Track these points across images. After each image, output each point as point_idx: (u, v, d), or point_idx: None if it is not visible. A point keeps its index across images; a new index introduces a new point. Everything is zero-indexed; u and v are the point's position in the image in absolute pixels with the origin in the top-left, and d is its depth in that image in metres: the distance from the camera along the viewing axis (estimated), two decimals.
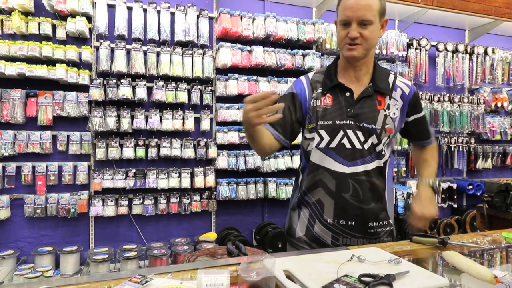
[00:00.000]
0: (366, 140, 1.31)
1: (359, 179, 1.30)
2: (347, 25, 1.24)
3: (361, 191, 1.30)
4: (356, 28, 1.23)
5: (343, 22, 1.25)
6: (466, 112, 4.06)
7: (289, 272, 0.88)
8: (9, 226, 2.90)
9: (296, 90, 1.42)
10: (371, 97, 1.33)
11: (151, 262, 2.76)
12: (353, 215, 1.30)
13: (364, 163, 1.30)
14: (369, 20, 1.22)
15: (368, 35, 1.24)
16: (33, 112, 2.86)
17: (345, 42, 1.27)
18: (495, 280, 0.81)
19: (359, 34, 1.23)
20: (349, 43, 1.25)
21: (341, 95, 1.35)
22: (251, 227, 3.48)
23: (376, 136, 1.31)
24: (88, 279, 0.87)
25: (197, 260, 1.09)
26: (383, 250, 1.04)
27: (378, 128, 1.31)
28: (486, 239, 1.26)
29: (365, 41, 1.25)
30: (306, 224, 1.37)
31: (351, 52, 1.27)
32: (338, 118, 1.32)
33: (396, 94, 1.36)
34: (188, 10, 3.16)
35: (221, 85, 3.25)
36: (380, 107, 1.33)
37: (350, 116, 1.31)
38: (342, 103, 1.33)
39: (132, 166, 3.15)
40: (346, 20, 1.24)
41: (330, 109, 1.34)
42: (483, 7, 3.83)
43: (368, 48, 1.28)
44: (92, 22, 3.04)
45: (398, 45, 3.76)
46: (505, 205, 2.65)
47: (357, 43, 1.25)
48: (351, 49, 1.26)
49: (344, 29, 1.26)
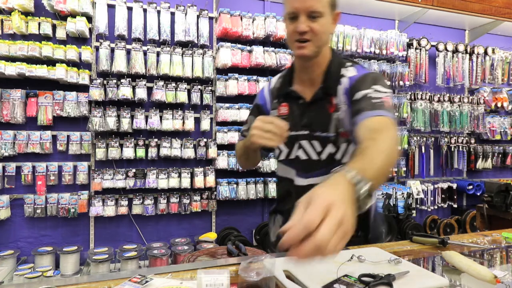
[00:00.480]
0: (323, 150, 1.18)
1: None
2: (295, 18, 1.10)
3: None
4: (305, 21, 1.09)
5: (290, 15, 1.11)
6: (466, 112, 4.06)
7: (289, 272, 0.88)
8: (9, 226, 2.90)
9: (260, 101, 1.36)
10: (323, 101, 1.19)
11: (151, 262, 2.76)
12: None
13: (322, 175, 1.18)
14: (319, 11, 1.09)
15: (318, 29, 1.10)
16: (33, 112, 2.86)
17: (294, 39, 1.12)
18: (495, 280, 0.80)
19: (309, 28, 1.09)
20: (299, 39, 1.11)
21: (294, 103, 1.25)
22: (251, 227, 3.48)
23: (333, 144, 1.17)
24: (88, 279, 0.87)
25: (197, 260, 1.09)
26: (383, 250, 1.03)
27: (332, 135, 1.16)
28: (486, 239, 1.26)
29: (315, 36, 1.11)
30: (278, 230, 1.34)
31: (301, 50, 1.13)
32: (292, 129, 1.20)
33: (340, 89, 1.17)
34: (188, 10, 3.16)
35: (221, 85, 3.25)
36: (332, 109, 1.18)
37: (303, 126, 1.21)
38: (296, 112, 1.23)
39: (132, 166, 3.15)
40: (294, 13, 1.10)
41: (287, 118, 1.24)
42: (483, 7, 3.84)
43: (319, 45, 1.14)
44: (92, 22, 3.04)
45: (398, 45, 3.76)
46: (505, 205, 2.65)
47: (307, 39, 1.11)
48: (301, 47, 1.12)
49: (292, 23, 1.11)
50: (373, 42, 3.67)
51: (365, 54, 3.68)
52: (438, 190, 4.03)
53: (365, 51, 3.64)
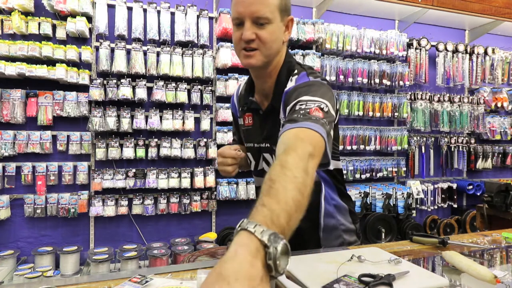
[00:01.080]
0: None
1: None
2: (241, 24, 1.01)
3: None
4: (251, 28, 0.99)
5: (235, 20, 1.03)
6: (466, 112, 4.06)
7: (289, 272, 0.88)
8: (9, 226, 2.90)
9: (232, 109, 1.39)
10: (273, 114, 1.11)
11: (151, 262, 2.76)
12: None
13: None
14: (265, 17, 0.99)
15: (266, 37, 1.00)
16: (33, 112, 2.86)
17: (241, 47, 1.03)
18: (495, 280, 0.80)
19: (255, 36, 1.00)
20: (245, 48, 1.02)
21: (256, 114, 1.20)
22: None
23: None
24: (88, 279, 0.87)
25: (197, 260, 1.09)
26: (383, 250, 1.03)
27: None
28: (486, 239, 1.26)
29: (263, 45, 1.01)
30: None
31: (247, 60, 1.03)
32: (256, 141, 1.20)
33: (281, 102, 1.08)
34: (188, 10, 3.16)
35: (221, 85, 3.25)
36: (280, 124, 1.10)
37: (264, 138, 1.17)
38: (258, 123, 1.19)
39: (132, 166, 3.15)
40: (238, 18, 1.01)
41: (251, 129, 1.22)
42: (483, 7, 3.84)
43: (268, 54, 1.04)
44: (92, 22, 3.04)
45: (398, 45, 3.76)
46: (505, 205, 2.65)
47: (254, 48, 1.02)
48: (248, 56, 1.03)
49: (238, 30, 1.02)
50: (373, 42, 3.67)
51: (365, 54, 3.68)
52: (438, 190, 4.04)
53: (365, 51, 3.65)
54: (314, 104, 0.91)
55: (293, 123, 0.85)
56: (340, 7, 3.73)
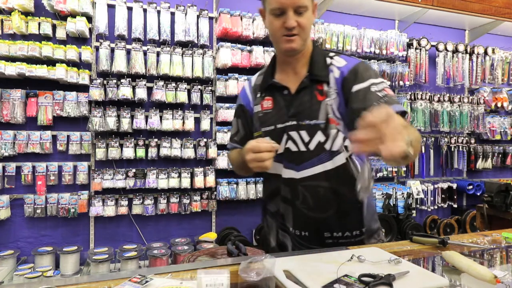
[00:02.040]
0: (311, 140, 1.16)
1: (307, 185, 1.17)
2: (282, 14, 1.10)
3: (311, 198, 1.17)
4: (293, 17, 1.09)
5: (276, 11, 1.10)
6: (466, 112, 4.06)
7: (289, 272, 0.88)
8: (9, 226, 2.90)
9: (243, 101, 1.35)
10: (310, 89, 1.18)
11: (151, 262, 2.76)
12: (307, 224, 1.19)
13: (311, 166, 1.16)
14: (304, 6, 1.09)
15: (305, 23, 1.12)
16: (33, 112, 2.86)
17: (282, 34, 1.13)
18: (495, 280, 0.80)
19: (297, 23, 1.10)
20: (287, 34, 1.12)
21: (279, 95, 1.23)
22: (251, 227, 3.48)
23: (322, 131, 1.15)
24: (88, 279, 0.87)
25: (197, 260, 1.09)
26: (383, 250, 1.03)
27: (322, 122, 1.15)
28: (486, 239, 1.26)
29: (302, 31, 1.12)
30: (276, 234, 1.29)
31: (290, 44, 1.13)
32: (279, 121, 1.20)
33: (332, 77, 1.18)
34: (188, 10, 3.16)
35: (221, 85, 3.25)
36: (321, 97, 1.17)
37: (290, 116, 1.19)
38: (281, 103, 1.22)
39: (132, 166, 3.15)
40: (281, 8, 1.09)
41: (271, 112, 1.23)
42: (483, 7, 3.84)
43: (306, 37, 1.16)
44: (92, 22, 3.04)
45: (398, 45, 3.76)
46: (505, 205, 2.65)
47: (295, 34, 1.12)
48: (290, 40, 1.13)
49: (278, 19, 1.11)
50: (373, 42, 3.67)
51: (365, 54, 3.68)
52: (438, 190, 4.04)
53: (365, 51, 3.64)
54: (384, 85, 1.12)
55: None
56: (340, 7, 3.73)
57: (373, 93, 1.09)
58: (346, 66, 1.17)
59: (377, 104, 1.05)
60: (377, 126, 0.73)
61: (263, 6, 1.19)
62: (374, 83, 1.11)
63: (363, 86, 1.11)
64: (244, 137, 1.34)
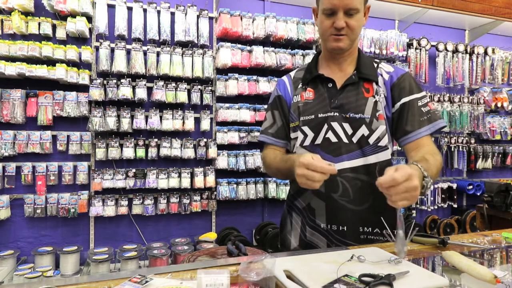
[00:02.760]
0: (355, 133, 1.19)
1: (347, 177, 1.18)
2: (333, 14, 1.14)
3: (351, 190, 1.18)
4: (343, 18, 1.14)
5: (328, 11, 1.15)
6: (466, 112, 4.06)
7: (289, 272, 0.88)
8: (9, 226, 2.90)
9: (281, 92, 1.35)
10: (357, 85, 1.22)
11: (151, 262, 2.76)
12: (344, 218, 1.19)
13: (352, 159, 1.19)
14: (356, 8, 1.13)
15: (354, 25, 1.15)
16: (33, 112, 2.86)
17: (330, 33, 1.17)
18: (495, 280, 0.80)
19: (345, 24, 1.14)
20: (335, 34, 1.17)
21: (322, 87, 1.25)
22: (251, 227, 3.48)
23: (366, 126, 1.18)
24: (88, 279, 0.87)
25: (197, 260, 1.09)
26: (383, 250, 1.03)
27: (367, 116, 1.18)
28: (486, 239, 1.26)
29: (351, 32, 1.16)
30: (299, 233, 1.28)
31: (337, 43, 1.18)
32: (321, 111, 1.22)
33: (380, 79, 1.24)
34: (188, 10, 3.16)
35: (221, 85, 3.25)
36: (368, 94, 1.21)
37: (334, 107, 1.21)
38: (325, 94, 1.24)
39: (132, 166, 3.15)
40: (332, 9, 1.13)
41: (312, 102, 1.25)
42: (483, 7, 3.84)
43: (354, 38, 1.20)
44: (92, 22, 3.04)
45: (398, 45, 3.76)
46: (505, 205, 2.65)
47: (343, 34, 1.16)
48: (338, 40, 1.17)
49: (329, 19, 1.15)
50: (373, 42, 3.67)
51: (365, 54, 3.67)
52: (438, 190, 4.03)
53: (365, 51, 3.64)
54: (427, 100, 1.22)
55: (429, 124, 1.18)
56: None
57: (418, 108, 1.19)
58: (394, 72, 1.25)
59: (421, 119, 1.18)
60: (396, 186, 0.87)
61: (316, 5, 1.24)
62: (419, 97, 1.21)
63: (410, 99, 1.20)
64: (281, 127, 1.33)
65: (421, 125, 1.18)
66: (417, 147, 1.17)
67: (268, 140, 1.35)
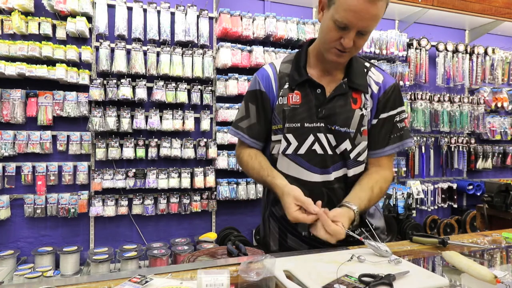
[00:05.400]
0: (338, 145, 1.16)
1: (332, 188, 1.18)
2: (345, 29, 1.04)
3: (335, 200, 1.17)
4: (354, 37, 1.05)
5: (341, 24, 1.03)
6: (466, 112, 4.06)
7: (289, 272, 0.88)
8: (9, 226, 2.90)
9: (263, 87, 1.24)
10: (345, 95, 1.16)
11: (151, 262, 2.76)
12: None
13: (336, 170, 1.18)
14: (370, 30, 1.06)
15: (361, 45, 1.10)
16: (33, 112, 2.86)
17: (334, 46, 1.09)
18: (495, 280, 0.80)
19: (353, 43, 1.06)
20: (339, 49, 1.09)
21: (311, 92, 1.18)
22: (251, 227, 3.48)
23: (350, 140, 1.16)
24: (88, 279, 0.87)
25: (197, 260, 1.09)
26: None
27: (352, 131, 1.15)
28: (486, 239, 1.26)
29: (355, 50, 1.10)
30: (278, 238, 1.26)
31: (338, 58, 1.11)
32: (307, 120, 1.16)
33: (369, 92, 1.19)
34: (188, 10, 3.16)
35: (221, 85, 3.25)
36: (355, 106, 1.16)
37: (321, 118, 1.16)
38: (312, 102, 1.17)
39: (132, 166, 3.15)
40: (346, 25, 1.03)
41: (299, 109, 1.17)
42: (483, 7, 3.83)
43: (354, 54, 1.15)
44: (92, 22, 3.04)
45: (398, 45, 3.76)
46: (505, 205, 2.65)
47: (347, 51, 1.09)
48: (340, 55, 1.11)
49: (338, 32, 1.05)
50: (373, 42, 3.67)
51: (365, 54, 3.68)
52: (438, 190, 4.03)
53: (365, 51, 3.64)
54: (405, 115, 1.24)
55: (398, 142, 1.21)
56: None
57: (395, 123, 1.21)
58: (383, 83, 1.20)
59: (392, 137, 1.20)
60: (326, 226, 1.00)
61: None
62: (399, 112, 1.21)
63: (389, 114, 1.20)
64: (255, 125, 1.25)
65: (389, 143, 1.21)
66: (377, 165, 1.22)
67: (243, 139, 1.27)
